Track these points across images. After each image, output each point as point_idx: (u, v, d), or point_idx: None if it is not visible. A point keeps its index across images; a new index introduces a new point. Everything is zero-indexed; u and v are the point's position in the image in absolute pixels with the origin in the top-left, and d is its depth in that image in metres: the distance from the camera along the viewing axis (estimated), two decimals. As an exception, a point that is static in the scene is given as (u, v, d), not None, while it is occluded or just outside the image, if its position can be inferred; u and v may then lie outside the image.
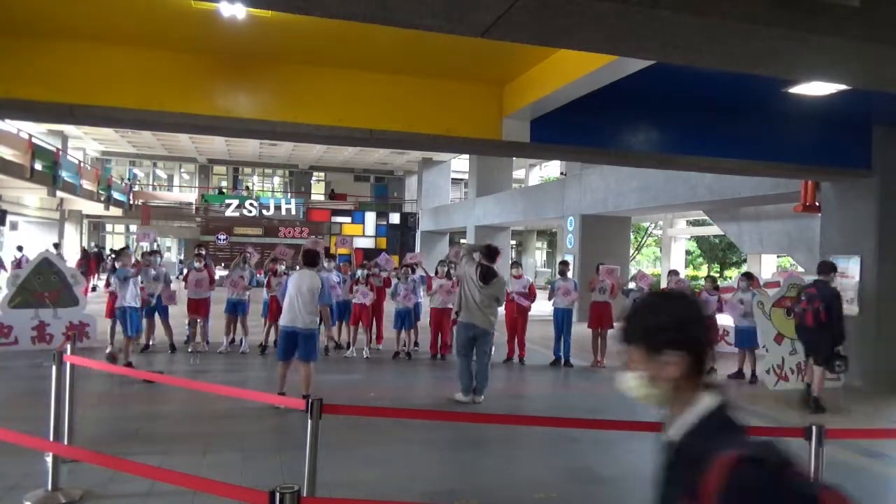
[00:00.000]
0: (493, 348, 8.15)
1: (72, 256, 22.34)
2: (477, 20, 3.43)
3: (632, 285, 10.49)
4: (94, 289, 19.97)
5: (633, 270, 13.63)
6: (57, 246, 24.19)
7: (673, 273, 10.85)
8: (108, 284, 10.03)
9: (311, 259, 7.12)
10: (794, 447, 1.38)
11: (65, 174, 20.16)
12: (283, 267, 10.24)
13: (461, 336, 7.53)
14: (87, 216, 28.61)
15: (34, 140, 18.34)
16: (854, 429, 6.64)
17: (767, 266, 19.09)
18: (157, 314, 10.02)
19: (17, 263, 18.50)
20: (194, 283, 10.20)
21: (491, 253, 7.66)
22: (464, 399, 7.39)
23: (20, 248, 20.72)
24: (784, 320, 8.79)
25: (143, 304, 10.08)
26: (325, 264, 10.07)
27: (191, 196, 34.22)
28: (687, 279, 10.54)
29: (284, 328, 6.89)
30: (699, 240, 27.39)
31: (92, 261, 22.11)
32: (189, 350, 10.09)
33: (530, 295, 10.29)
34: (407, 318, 10.36)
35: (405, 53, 6.69)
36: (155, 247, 22.10)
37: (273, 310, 9.64)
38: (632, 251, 22.09)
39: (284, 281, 7.24)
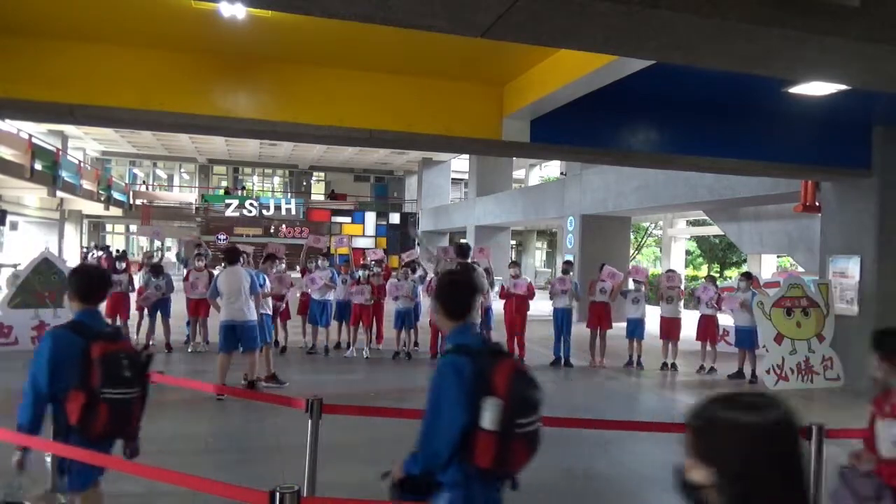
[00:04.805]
0: None
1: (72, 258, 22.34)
2: (477, 20, 3.42)
3: (631, 286, 10.50)
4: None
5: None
6: (97, 247, 24.71)
7: (669, 271, 10.87)
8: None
9: (233, 257, 7.58)
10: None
11: (65, 174, 20.16)
12: (283, 266, 10.25)
13: None
14: (87, 216, 28.61)
15: (34, 140, 18.33)
16: (854, 429, 6.62)
17: (767, 266, 19.08)
18: (159, 313, 10.06)
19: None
20: (193, 284, 10.19)
21: (463, 250, 8.11)
22: None
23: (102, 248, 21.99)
24: (784, 320, 8.78)
25: (139, 308, 10.14)
26: (319, 263, 10.44)
27: (191, 196, 34.23)
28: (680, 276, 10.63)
29: (229, 322, 7.33)
30: (699, 240, 27.38)
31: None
32: (189, 350, 10.10)
33: (528, 293, 10.31)
34: (407, 318, 10.36)
35: (405, 53, 6.68)
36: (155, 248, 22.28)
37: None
38: (632, 251, 22.09)
39: (214, 280, 7.66)
